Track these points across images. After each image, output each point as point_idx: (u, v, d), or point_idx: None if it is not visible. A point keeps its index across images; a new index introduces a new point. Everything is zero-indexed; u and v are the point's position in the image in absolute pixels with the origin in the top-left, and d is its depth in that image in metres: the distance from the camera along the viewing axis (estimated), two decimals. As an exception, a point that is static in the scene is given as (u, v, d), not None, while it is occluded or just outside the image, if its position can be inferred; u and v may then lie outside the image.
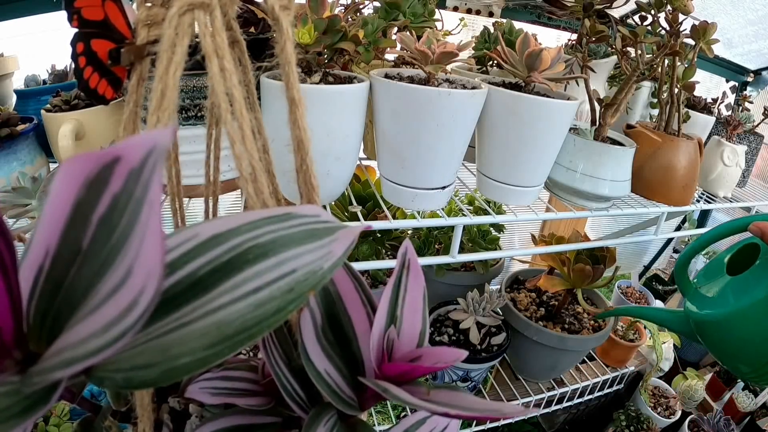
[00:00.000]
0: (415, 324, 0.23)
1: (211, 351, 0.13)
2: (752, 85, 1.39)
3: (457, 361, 0.20)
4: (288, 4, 0.19)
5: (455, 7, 1.05)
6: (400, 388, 0.19)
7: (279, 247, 0.15)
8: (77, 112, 0.54)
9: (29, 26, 0.82)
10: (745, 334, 0.51)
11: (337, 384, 0.21)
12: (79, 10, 0.33)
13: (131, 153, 0.12)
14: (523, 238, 1.86)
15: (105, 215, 0.13)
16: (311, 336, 0.21)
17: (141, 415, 0.21)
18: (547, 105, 0.52)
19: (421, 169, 0.53)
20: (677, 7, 0.59)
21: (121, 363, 0.13)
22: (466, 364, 0.80)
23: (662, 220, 0.76)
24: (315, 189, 0.22)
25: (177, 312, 0.14)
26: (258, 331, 0.13)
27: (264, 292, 0.14)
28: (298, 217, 0.17)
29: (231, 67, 0.17)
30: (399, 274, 0.23)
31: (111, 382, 0.13)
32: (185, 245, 0.15)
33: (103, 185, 0.13)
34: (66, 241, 0.13)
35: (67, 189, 0.13)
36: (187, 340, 0.13)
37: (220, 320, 0.13)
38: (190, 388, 0.23)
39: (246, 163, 0.18)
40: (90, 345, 0.12)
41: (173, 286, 0.15)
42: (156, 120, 0.17)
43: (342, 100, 0.47)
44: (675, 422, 1.19)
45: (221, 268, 0.15)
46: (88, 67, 0.35)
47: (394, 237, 0.83)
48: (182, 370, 0.13)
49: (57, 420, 0.76)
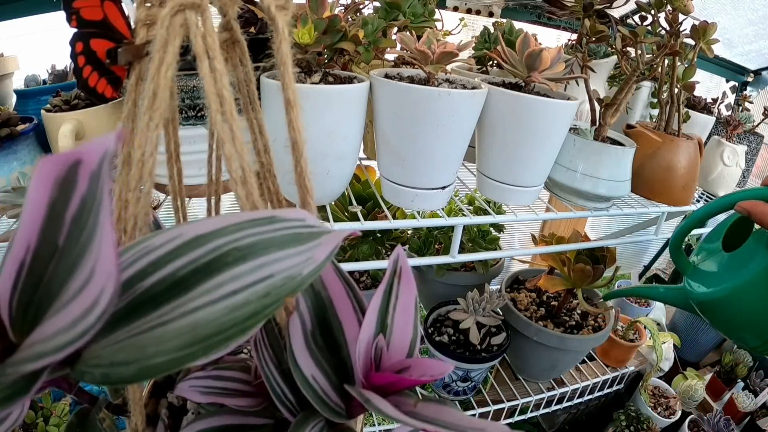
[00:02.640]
0: (406, 333, 0.23)
1: (185, 352, 0.13)
2: (752, 85, 1.39)
3: (444, 375, 0.20)
4: (285, 4, 0.19)
5: (455, 7, 1.05)
6: (385, 400, 0.19)
7: (259, 251, 0.15)
8: (77, 112, 0.54)
9: (29, 26, 0.82)
10: (746, 309, 0.51)
11: (324, 390, 0.21)
12: (78, 10, 0.33)
13: (90, 156, 0.13)
14: (523, 238, 1.86)
15: (76, 215, 0.13)
16: (300, 340, 0.21)
17: (133, 410, 0.21)
18: (547, 105, 0.52)
19: (421, 169, 0.53)
20: (677, 7, 0.59)
21: (101, 359, 0.13)
22: (466, 364, 0.80)
23: (662, 220, 0.76)
24: (309, 191, 0.22)
25: (157, 310, 0.14)
26: (232, 334, 0.13)
27: (240, 296, 0.14)
28: (282, 220, 0.16)
29: (221, 68, 0.17)
30: (390, 281, 0.23)
31: (90, 376, 0.13)
32: (169, 245, 0.15)
33: (72, 186, 0.13)
34: (44, 238, 0.14)
35: (42, 189, 0.13)
36: (163, 339, 0.13)
37: (195, 321, 0.14)
38: (180, 385, 0.23)
39: (236, 165, 0.18)
40: (57, 340, 0.12)
41: (155, 285, 0.15)
42: (148, 119, 0.17)
43: (342, 100, 0.47)
44: (675, 422, 1.19)
45: (202, 269, 0.15)
46: (87, 66, 0.35)
47: (394, 237, 0.83)
48: (157, 369, 0.13)
49: (57, 420, 0.76)
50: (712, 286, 0.53)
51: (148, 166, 0.18)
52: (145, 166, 0.17)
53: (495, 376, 1.02)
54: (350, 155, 0.52)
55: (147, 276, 0.15)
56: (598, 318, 0.96)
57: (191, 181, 0.47)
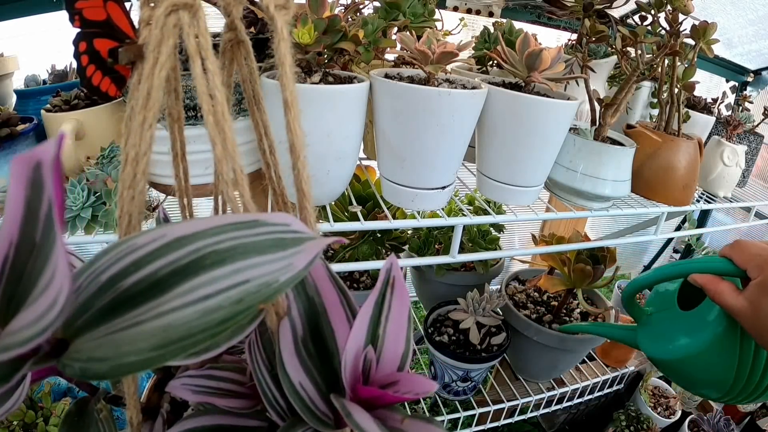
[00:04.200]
0: (398, 345, 0.22)
1: (156, 353, 0.13)
2: (752, 85, 1.39)
3: (429, 393, 0.19)
4: (285, 3, 0.19)
5: (455, 7, 1.05)
6: (369, 414, 0.18)
7: (238, 255, 0.15)
8: (77, 112, 0.54)
9: (29, 26, 0.82)
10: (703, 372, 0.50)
11: (312, 399, 0.20)
12: (81, 11, 0.33)
13: (45, 157, 0.13)
14: (523, 238, 1.86)
15: (47, 214, 0.14)
16: (289, 347, 0.20)
17: (128, 403, 0.21)
18: (547, 105, 0.52)
19: (421, 169, 0.53)
20: (677, 7, 0.59)
21: (81, 353, 0.14)
22: (466, 364, 0.80)
23: (662, 220, 0.76)
24: (306, 195, 0.22)
25: (136, 310, 0.14)
26: (201, 339, 0.13)
27: (213, 300, 0.14)
28: (266, 224, 0.16)
29: (214, 68, 0.17)
30: (383, 290, 0.22)
31: (71, 370, 0.13)
32: (151, 245, 0.15)
33: (41, 186, 0.13)
34: (24, 234, 0.14)
35: (18, 188, 0.13)
36: (136, 339, 0.13)
37: (168, 323, 0.14)
38: (173, 383, 0.23)
39: (228, 167, 0.18)
40: (23, 334, 0.13)
41: (136, 284, 0.15)
42: (142, 119, 0.17)
43: (342, 100, 0.47)
44: (675, 422, 1.19)
45: (180, 270, 0.15)
46: (91, 65, 0.35)
47: (394, 237, 0.83)
48: (129, 367, 0.13)
49: (57, 420, 0.76)
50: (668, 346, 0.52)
51: (141, 165, 0.18)
52: (139, 165, 0.17)
53: (495, 376, 1.02)
54: (350, 155, 0.52)
55: (129, 275, 0.15)
56: (598, 318, 0.96)
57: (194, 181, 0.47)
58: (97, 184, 0.48)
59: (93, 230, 0.48)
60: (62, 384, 0.88)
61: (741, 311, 0.43)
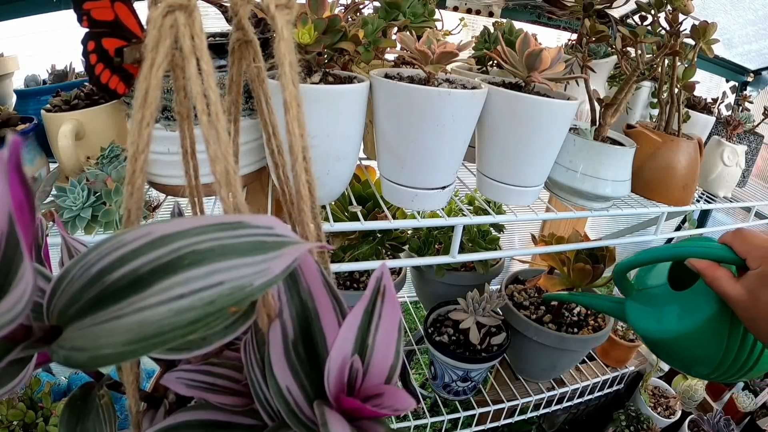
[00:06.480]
0: (387, 357, 0.21)
1: (129, 348, 0.13)
2: (752, 85, 1.39)
3: (407, 411, 0.19)
4: (287, 3, 0.19)
5: (455, 7, 1.05)
6: (348, 426, 0.18)
7: (216, 256, 0.15)
8: (77, 112, 0.54)
9: (29, 26, 0.82)
10: (691, 351, 0.50)
11: (298, 403, 0.20)
12: (89, 11, 0.34)
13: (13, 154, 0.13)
14: (523, 238, 1.86)
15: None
16: (279, 349, 0.20)
17: (127, 392, 0.22)
18: (547, 105, 0.52)
19: (421, 169, 0.53)
20: (677, 7, 0.59)
21: (66, 341, 0.14)
22: (465, 364, 0.80)
23: (662, 220, 0.76)
24: (303, 198, 0.21)
25: (118, 303, 0.15)
26: (172, 338, 0.13)
27: (186, 300, 0.14)
28: (249, 226, 0.16)
29: (208, 69, 0.17)
30: (372, 299, 0.21)
31: (57, 357, 0.14)
32: (137, 241, 0.15)
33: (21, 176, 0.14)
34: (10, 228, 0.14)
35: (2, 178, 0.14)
36: (114, 333, 0.14)
37: (142, 320, 0.14)
38: (167, 375, 0.23)
39: (221, 167, 0.18)
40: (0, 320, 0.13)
41: (120, 279, 0.15)
42: (140, 117, 0.17)
43: (342, 100, 0.47)
44: (675, 422, 1.19)
45: (160, 269, 0.15)
46: (99, 63, 0.36)
47: (394, 237, 0.83)
48: (105, 360, 0.13)
49: (57, 420, 0.76)
50: (657, 324, 0.53)
51: (140, 162, 0.18)
52: (137, 162, 0.18)
53: (495, 376, 1.02)
54: (350, 155, 0.52)
55: (115, 269, 0.15)
56: (598, 318, 0.96)
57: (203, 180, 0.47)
58: (97, 184, 0.48)
59: (93, 230, 0.48)
60: (62, 384, 0.88)
61: (738, 299, 0.43)
